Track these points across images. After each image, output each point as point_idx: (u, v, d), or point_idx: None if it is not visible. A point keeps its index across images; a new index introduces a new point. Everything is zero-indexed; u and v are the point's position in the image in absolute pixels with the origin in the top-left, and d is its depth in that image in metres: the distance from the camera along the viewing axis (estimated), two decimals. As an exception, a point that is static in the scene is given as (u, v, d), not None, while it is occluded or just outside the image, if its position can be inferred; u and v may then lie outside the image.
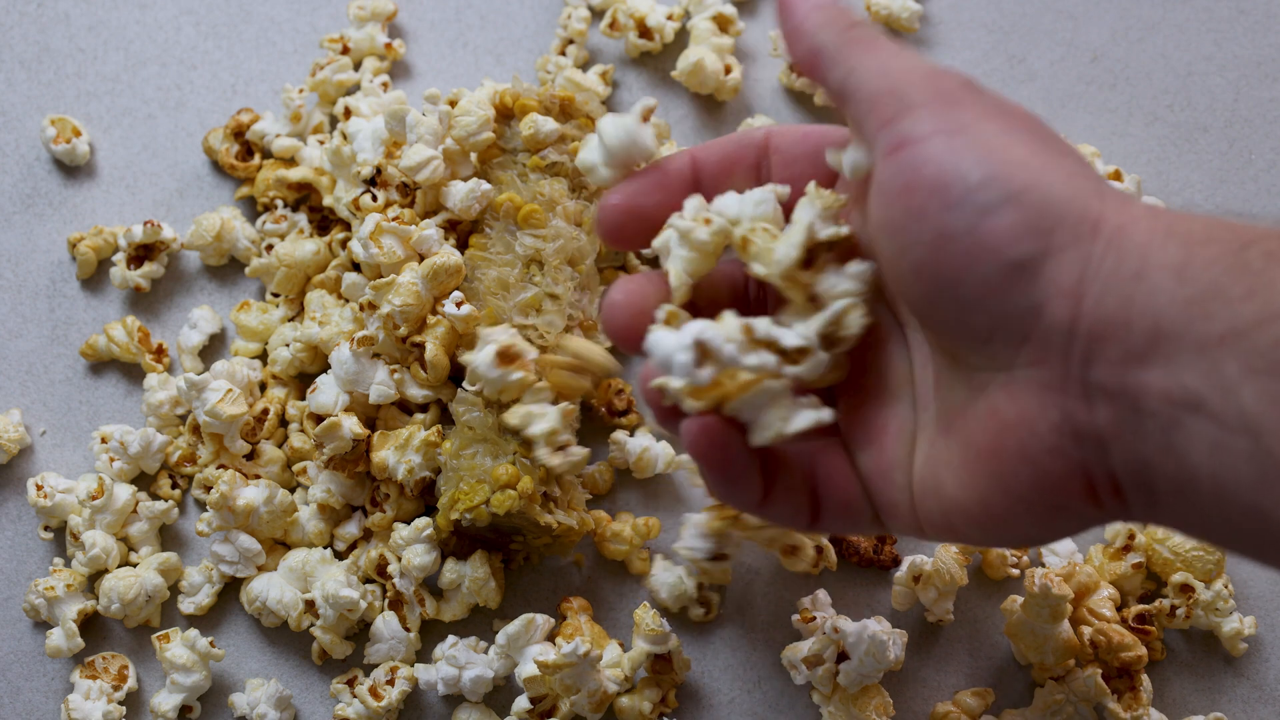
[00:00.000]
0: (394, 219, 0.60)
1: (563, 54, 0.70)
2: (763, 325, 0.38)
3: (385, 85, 0.68)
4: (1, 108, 0.70)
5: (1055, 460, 0.34)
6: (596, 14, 0.71)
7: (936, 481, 0.38)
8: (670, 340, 0.37)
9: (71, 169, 0.68)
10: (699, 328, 0.37)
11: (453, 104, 0.64)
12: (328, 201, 0.65)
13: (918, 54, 0.39)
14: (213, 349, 0.66)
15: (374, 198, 0.62)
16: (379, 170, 0.61)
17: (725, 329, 0.38)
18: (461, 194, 0.60)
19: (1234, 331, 0.30)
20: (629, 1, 0.69)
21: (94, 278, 0.67)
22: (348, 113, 0.66)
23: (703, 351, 0.37)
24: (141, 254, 0.66)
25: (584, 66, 0.70)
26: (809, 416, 0.39)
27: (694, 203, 0.42)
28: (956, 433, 0.37)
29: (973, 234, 0.34)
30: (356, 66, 0.70)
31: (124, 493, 0.61)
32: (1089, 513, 0.35)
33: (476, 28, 0.71)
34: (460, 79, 0.70)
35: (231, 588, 0.62)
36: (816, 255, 0.40)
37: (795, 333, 0.39)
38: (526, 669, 0.57)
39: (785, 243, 0.39)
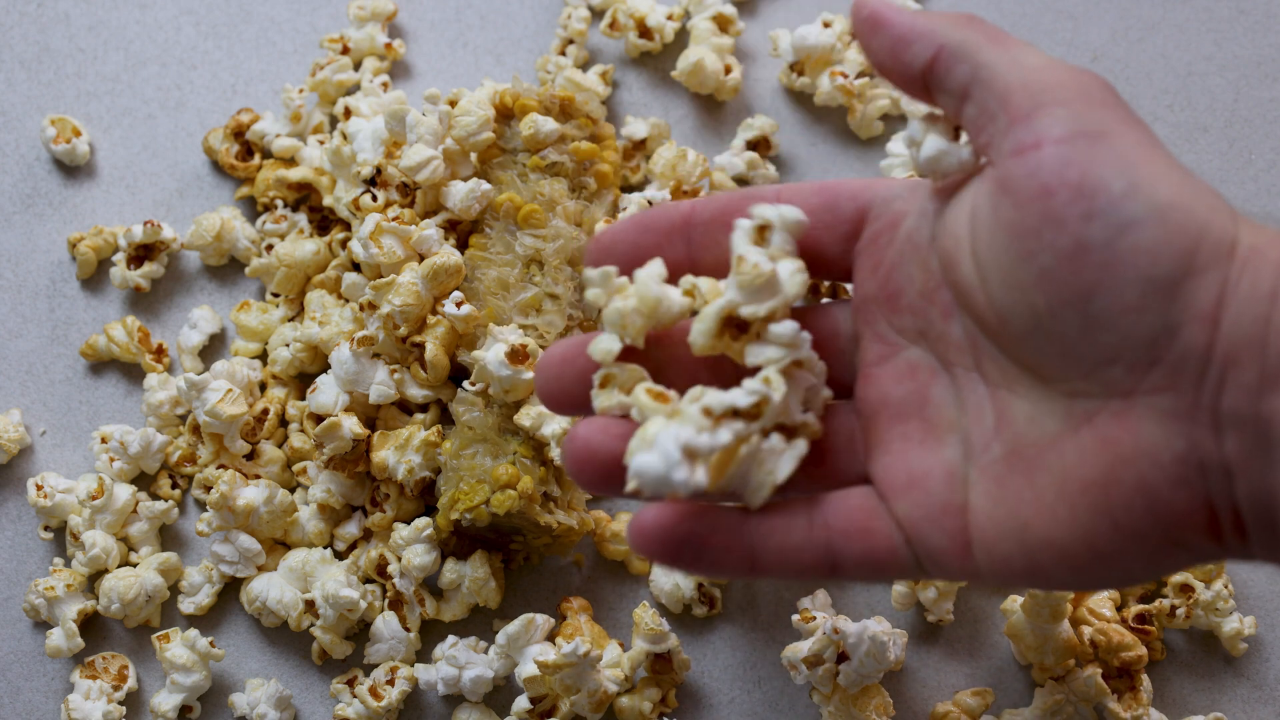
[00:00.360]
0: (394, 219, 0.60)
1: (563, 54, 0.70)
2: (714, 399, 0.37)
3: (385, 85, 0.68)
4: (1, 108, 0.70)
5: (1179, 493, 0.32)
6: (596, 14, 0.71)
7: (1017, 523, 0.35)
8: (657, 461, 0.35)
9: (71, 169, 0.69)
10: (673, 438, 0.35)
11: (453, 104, 0.64)
12: (328, 201, 0.65)
13: (1044, 54, 0.37)
14: (213, 349, 0.66)
15: (374, 198, 0.62)
16: (379, 170, 0.61)
17: (692, 423, 0.36)
18: (461, 194, 0.60)
19: None
20: (629, 1, 0.69)
21: (94, 278, 0.67)
22: (348, 113, 0.66)
23: (689, 455, 0.35)
24: (141, 254, 0.66)
25: (584, 66, 0.70)
26: (791, 457, 0.37)
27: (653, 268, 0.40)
28: (1045, 469, 0.34)
29: (1113, 246, 0.32)
30: (356, 66, 0.70)
31: (124, 493, 0.61)
32: (1207, 548, 0.33)
33: (476, 28, 0.71)
34: (460, 79, 0.70)
35: (231, 588, 0.62)
36: (749, 325, 0.38)
37: (744, 391, 0.37)
38: (526, 669, 0.57)
39: (697, 328, 0.38)
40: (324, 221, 0.66)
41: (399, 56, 0.70)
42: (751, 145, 0.67)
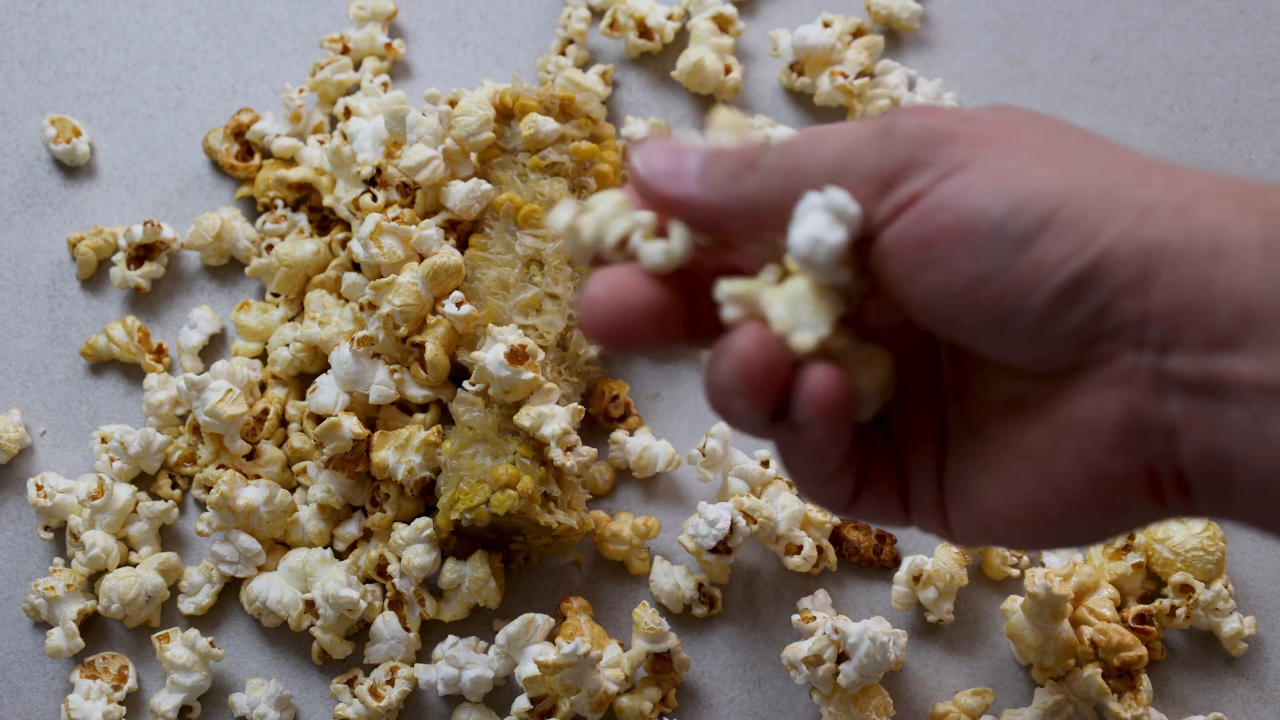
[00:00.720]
0: (394, 219, 0.60)
1: (563, 54, 0.69)
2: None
3: (385, 85, 0.68)
4: (1, 108, 0.70)
5: (1116, 460, 0.32)
6: (596, 14, 0.71)
7: (970, 488, 0.35)
8: (819, 222, 0.32)
9: (71, 169, 0.68)
10: (817, 209, 0.32)
11: (453, 104, 0.64)
12: (328, 201, 0.65)
13: (838, 125, 0.35)
14: (213, 349, 0.66)
15: (374, 198, 0.62)
16: (379, 170, 0.61)
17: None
18: (461, 194, 0.60)
19: None
20: (629, 1, 0.69)
21: (94, 278, 0.67)
22: (348, 113, 0.66)
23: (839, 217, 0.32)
24: (141, 254, 0.66)
25: (584, 66, 0.70)
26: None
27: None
28: (993, 437, 0.35)
29: (1011, 270, 0.31)
30: (356, 66, 0.70)
31: (124, 493, 0.61)
32: (1149, 510, 0.33)
33: (476, 28, 0.71)
34: (460, 79, 0.70)
35: (231, 588, 0.62)
36: None
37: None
38: (526, 669, 0.57)
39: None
40: (324, 221, 0.66)
41: (399, 56, 0.70)
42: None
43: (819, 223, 0.32)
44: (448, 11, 0.72)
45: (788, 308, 0.33)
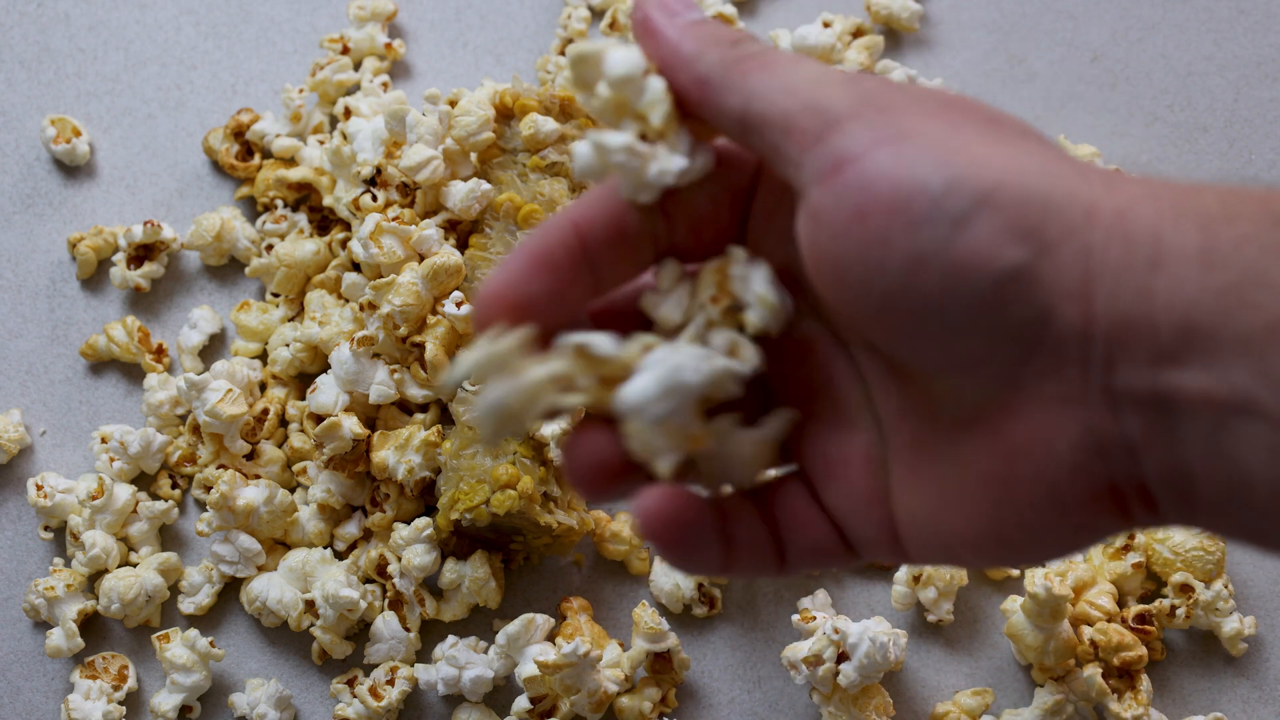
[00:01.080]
0: (394, 219, 0.60)
1: (563, 54, 0.70)
2: (706, 342, 0.34)
3: (385, 85, 0.68)
4: (1, 108, 0.70)
5: (1078, 480, 0.31)
6: (596, 14, 0.71)
7: (929, 513, 0.34)
8: (650, 386, 0.32)
9: (71, 169, 0.69)
10: (670, 362, 0.32)
11: (453, 104, 0.64)
12: (328, 201, 0.65)
13: (820, 63, 0.34)
14: (213, 349, 0.66)
15: (374, 198, 0.62)
16: (379, 170, 0.61)
17: (688, 354, 0.33)
18: (461, 194, 0.60)
19: None
20: (629, 1, 0.69)
21: (94, 278, 0.67)
22: (348, 113, 0.66)
23: (674, 391, 0.32)
24: (142, 254, 0.66)
25: (584, 66, 0.70)
26: (776, 426, 0.35)
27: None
28: (946, 460, 0.33)
29: (949, 251, 0.30)
30: (356, 66, 0.70)
31: (124, 493, 0.61)
32: (1115, 526, 0.32)
33: (476, 28, 0.71)
34: (460, 79, 0.70)
35: (231, 588, 0.62)
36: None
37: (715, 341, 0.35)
38: (526, 669, 0.57)
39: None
40: (324, 221, 0.66)
41: (399, 56, 0.70)
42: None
43: (650, 389, 0.32)
44: (448, 11, 0.72)
45: (639, 439, 0.33)
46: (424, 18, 0.72)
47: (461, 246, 0.62)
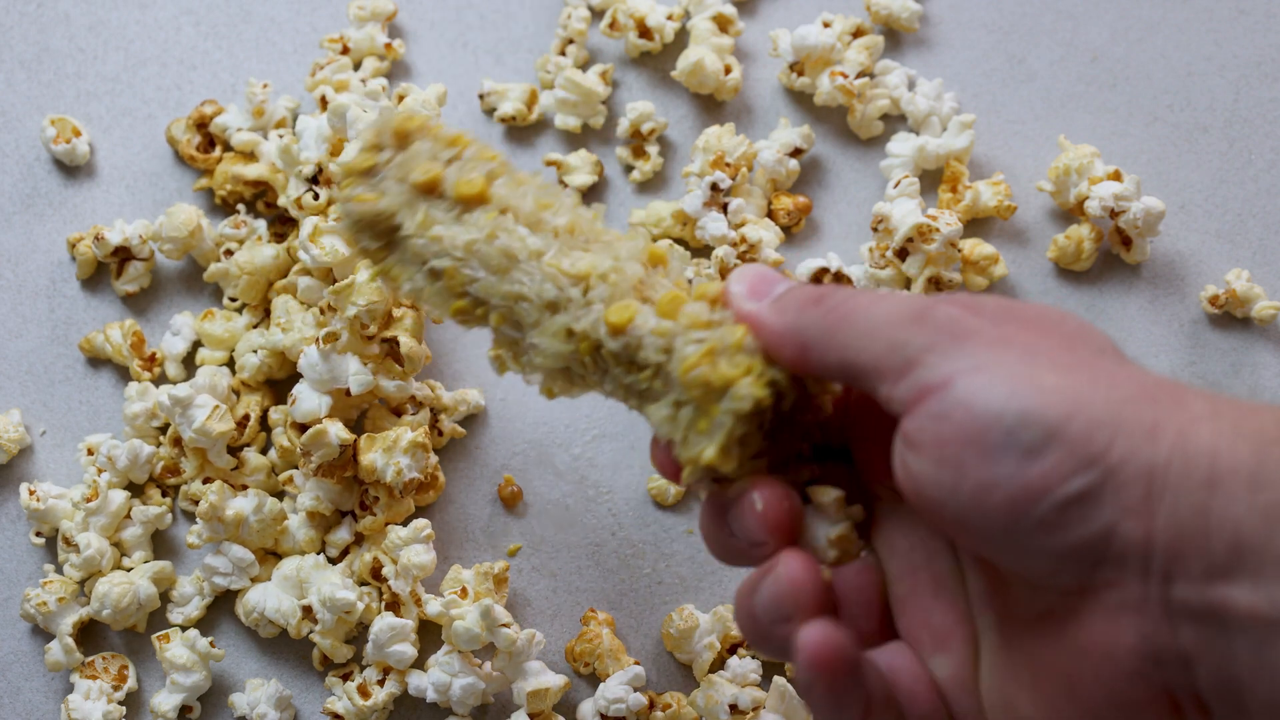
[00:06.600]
0: (335, 218, 0.59)
1: (563, 54, 0.69)
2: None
3: (384, 87, 0.68)
4: (1, 108, 0.70)
5: (1136, 686, 0.32)
6: (596, 14, 0.71)
7: (1006, 698, 0.36)
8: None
9: (71, 169, 0.69)
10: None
11: (401, 99, 0.63)
12: (283, 200, 0.64)
13: (895, 295, 0.37)
14: (197, 355, 0.65)
15: (316, 196, 0.61)
16: (320, 168, 0.61)
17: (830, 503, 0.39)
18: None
19: None
20: (629, 1, 0.69)
21: (94, 278, 0.67)
22: (324, 102, 0.65)
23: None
24: (123, 256, 0.65)
25: (584, 66, 0.70)
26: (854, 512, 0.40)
27: None
28: (1022, 651, 0.35)
29: (1020, 478, 0.32)
30: (356, 66, 0.70)
31: (118, 496, 0.61)
32: None
33: (476, 28, 0.71)
34: (460, 79, 0.70)
35: (222, 599, 0.62)
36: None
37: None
38: (528, 683, 0.57)
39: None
40: (282, 218, 0.66)
41: (399, 56, 0.70)
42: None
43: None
44: (448, 11, 0.72)
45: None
46: (424, 18, 0.72)
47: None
